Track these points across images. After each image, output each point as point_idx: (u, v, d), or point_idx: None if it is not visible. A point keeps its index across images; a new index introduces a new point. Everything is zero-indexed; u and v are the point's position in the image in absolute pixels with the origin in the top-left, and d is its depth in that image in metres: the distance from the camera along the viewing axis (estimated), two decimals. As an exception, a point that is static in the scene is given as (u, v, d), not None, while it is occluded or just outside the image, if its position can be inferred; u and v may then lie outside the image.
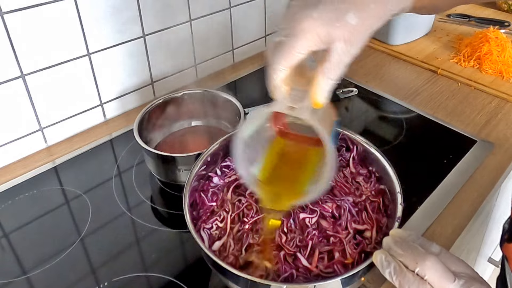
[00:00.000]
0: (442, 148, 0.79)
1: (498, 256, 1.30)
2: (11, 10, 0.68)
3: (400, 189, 0.54)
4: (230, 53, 1.07)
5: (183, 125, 0.82)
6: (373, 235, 0.54)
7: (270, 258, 0.50)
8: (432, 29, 1.20)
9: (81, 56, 0.79)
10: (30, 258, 0.62)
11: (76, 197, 0.71)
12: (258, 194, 0.51)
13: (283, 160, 0.52)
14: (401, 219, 0.51)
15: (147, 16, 0.85)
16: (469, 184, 0.72)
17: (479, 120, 0.87)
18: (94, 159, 0.79)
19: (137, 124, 0.71)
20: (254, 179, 0.50)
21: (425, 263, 0.42)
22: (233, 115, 0.77)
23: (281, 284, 0.48)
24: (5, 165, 0.78)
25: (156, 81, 0.93)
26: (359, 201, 0.57)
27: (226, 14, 0.99)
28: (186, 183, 0.56)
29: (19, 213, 0.69)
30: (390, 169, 0.57)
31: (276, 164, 0.52)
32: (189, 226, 0.51)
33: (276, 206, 0.50)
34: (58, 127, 0.82)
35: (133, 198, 0.71)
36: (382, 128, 0.88)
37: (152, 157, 0.69)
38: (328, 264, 0.50)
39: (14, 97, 0.74)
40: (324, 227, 0.54)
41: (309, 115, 0.41)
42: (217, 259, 0.47)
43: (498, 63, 1.00)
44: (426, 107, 0.91)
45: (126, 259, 0.61)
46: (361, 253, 0.52)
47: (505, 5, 1.32)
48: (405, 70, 1.05)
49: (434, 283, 0.42)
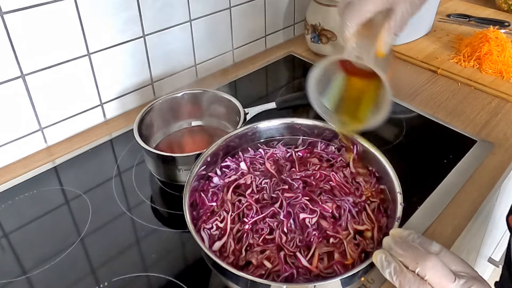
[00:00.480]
0: (442, 148, 0.79)
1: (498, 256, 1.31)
2: (11, 10, 0.68)
3: (400, 189, 0.54)
4: (230, 53, 1.07)
5: (183, 125, 0.82)
6: (373, 235, 0.53)
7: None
8: (432, 29, 1.20)
9: (81, 56, 0.79)
10: (30, 258, 0.62)
11: (76, 197, 0.71)
12: (328, 120, 0.60)
13: (347, 92, 0.59)
14: (401, 219, 0.51)
15: (147, 16, 0.85)
16: (469, 184, 0.72)
17: (479, 120, 0.87)
18: (94, 159, 0.79)
19: (137, 124, 0.71)
20: (323, 107, 0.59)
21: (425, 263, 0.42)
22: (233, 115, 0.77)
23: (281, 284, 0.48)
24: (5, 165, 0.78)
25: (156, 81, 0.93)
26: (359, 201, 0.57)
27: (226, 14, 0.99)
28: (186, 183, 0.56)
29: (19, 213, 0.69)
30: (390, 169, 0.57)
31: (342, 96, 0.59)
32: (189, 226, 0.51)
33: (343, 130, 0.61)
34: (58, 127, 0.82)
35: (133, 198, 0.71)
36: (382, 128, 0.87)
37: (152, 157, 0.69)
38: (328, 264, 0.50)
39: (14, 97, 0.74)
40: (324, 227, 0.54)
41: (373, 63, 0.50)
42: (217, 259, 0.47)
43: (498, 63, 1.00)
44: (426, 107, 0.91)
45: (126, 259, 0.61)
46: (361, 253, 0.52)
47: (505, 5, 1.32)
48: (405, 70, 1.05)
49: (435, 283, 0.42)
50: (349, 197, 0.57)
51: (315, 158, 0.65)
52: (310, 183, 0.60)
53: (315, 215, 0.54)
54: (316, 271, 0.50)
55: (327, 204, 0.56)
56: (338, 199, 0.57)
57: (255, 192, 0.59)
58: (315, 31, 1.06)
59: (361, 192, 0.59)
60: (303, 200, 0.56)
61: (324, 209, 0.55)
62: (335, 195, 0.58)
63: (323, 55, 1.10)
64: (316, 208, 0.55)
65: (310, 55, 1.11)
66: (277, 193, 0.58)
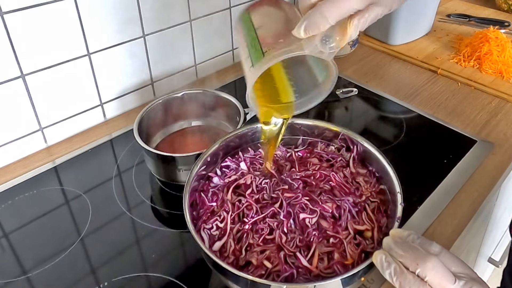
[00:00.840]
0: (442, 148, 0.79)
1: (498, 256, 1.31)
2: (11, 10, 0.68)
3: (400, 189, 0.54)
4: (230, 53, 1.07)
5: (183, 125, 0.82)
6: (373, 235, 0.54)
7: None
8: (432, 29, 1.20)
9: (81, 56, 0.79)
10: (30, 258, 0.62)
11: (76, 197, 0.71)
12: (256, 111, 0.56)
13: (265, 81, 0.55)
14: (401, 219, 0.51)
15: (147, 16, 0.85)
16: (469, 184, 0.72)
17: (479, 120, 0.87)
18: (94, 159, 0.79)
19: (137, 124, 0.71)
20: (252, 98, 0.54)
21: (425, 264, 0.42)
22: (233, 115, 0.77)
23: (281, 284, 0.48)
24: (5, 165, 0.78)
25: (156, 81, 0.93)
26: (359, 201, 0.57)
27: (226, 14, 0.99)
28: (186, 183, 0.56)
29: (19, 213, 0.69)
30: (390, 169, 0.57)
31: (262, 86, 0.55)
32: (189, 226, 0.51)
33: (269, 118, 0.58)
34: (58, 127, 0.82)
35: (133, 198, 0.71)
36: (382, 128, 0.88)
37: (152, 157, 0.69)
38: (328, 264, 0.50)
39: (14, 97, 0.74)
40: (324, 227, 0.54)
41: (332, 57, 0.47)
42: (217, 259, 0.47)
43: (498, 63, 1.00)
44: (426, 107, 0.91)
45: (126, 259, 0.61)
46: (361, 253, 0.52)
47: (505, 5, 1.32)
48: (405, 70, 1.05)
49: (435, 284, 0.42)
50: (349, 197, 0.57)
51: (315, 158, 0.65)
52: (310, 183, 0.60)
53: (315, 215, 0.54)
54: (316, 271, 0.50)
55: (327, 204, 0.56)
56: (338, 199, 0.57)
57: (255, 192, 0.59)
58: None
59: (361, 192, 0.59)
60: (303, 200, 0.56)
61: (324, 209, 0.55)
62: (335, 195, 0.58)
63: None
64: (316, 208, 0.55)
65: (310, 55, 1.11)
66: (277, 193, 0.58)
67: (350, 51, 1.08)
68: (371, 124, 0.89)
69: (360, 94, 0.95)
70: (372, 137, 0.62)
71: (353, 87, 0.96)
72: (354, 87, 0.96)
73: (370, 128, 0.88)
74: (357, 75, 1.02)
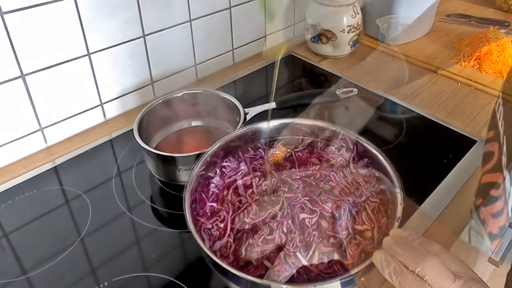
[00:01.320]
0: (442, 148, 0.79)
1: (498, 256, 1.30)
2: (11, 10, 0.68)
3: (400, 189, 0.54)
4: (230, 53, 1.07)
5: (183, 125, 0.82)
6: (373, 235, 0.54)
7: None
8: (432, 29, 1.20)
9: (81, 56, 0.79)
10: (30, 258, 0.62)
11: (76, 197, 0.71)
12: None
13: None
14: (401, 219, 0.51)
15: (147, 16, 0.85)
16: (469, 184, 0.72)
17: (479, 120, 0.87)
18: (94, 159, 0.79)
19: (137, 124, 0.71)
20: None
21: (425, 263, 0.42)
22: (233, 115, 0.77)
23: (281, 284, 0.48)
24: (5, 165, 0.78)
25: (156, 81, 0.93)
26: (359, 202, 0.57)
27: (226, 14, 0.99)
28: (186, 183, 0.56)
29: (19, 213, 0.69)
30: (390, 169, 0.57)
31: None
32: (189, 226, 0.51)
33: None
34: (58, 127, 0.82)
35: (133, 198, 0.71)
36: (382, 128, 0.88)
37: (152, 157, 0.69)
38: (328, 264, 0.50)
39: (14, 97, 0.74)
40: (324, 227, 0.54)
41: None
42: (217, 260, 0.47)
43: (498, 63, 1.00)
44: (426, 107, 0.91)
45: (126, 259, 0.61)
46: (361, 253, 0.52)
47: (505, 5, 1.32)
48: (405, 70, 1.05)
49: (434, 283, 0.42)
50: (349, 197, 0.57)
51: (315, 158, 0.65)
52: (310, 183, 0.60)
53: (315, 215, 0.54)
54: (316, 271, 0.50)
55: (327, 204, 0.56)
56: (338, 199, 0.57)
57: (255, 193, 0.59)
58: (315, 31, 1.06)
59: (361, 192, 0.59)
60: (303, 200, 0.56)
61: (324, 209, 0.55)
62: (335, 195, 0.58)
63: (323, 55, 1.10)
64: (316, 208, 0.55)
65: (310, 55, 1.11)
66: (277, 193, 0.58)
67: (350, 51, 1.08)
68: (371, 124, 0.89)
69: (360, 94, 0.95)
70: (372, 137, 0.62)
71: (353, 87, 0.96)
72: (354, 87, 0.96)
73: (370, 128, 0.88)
74: (357, 75, 1.02)
